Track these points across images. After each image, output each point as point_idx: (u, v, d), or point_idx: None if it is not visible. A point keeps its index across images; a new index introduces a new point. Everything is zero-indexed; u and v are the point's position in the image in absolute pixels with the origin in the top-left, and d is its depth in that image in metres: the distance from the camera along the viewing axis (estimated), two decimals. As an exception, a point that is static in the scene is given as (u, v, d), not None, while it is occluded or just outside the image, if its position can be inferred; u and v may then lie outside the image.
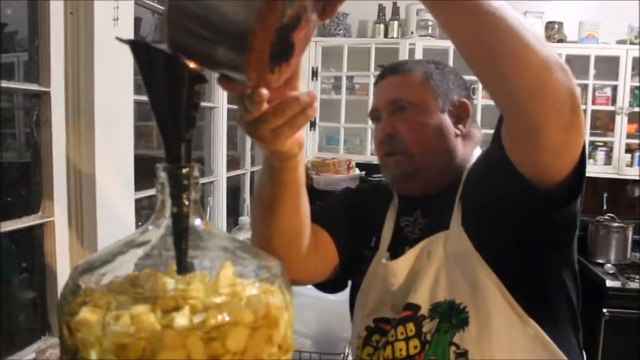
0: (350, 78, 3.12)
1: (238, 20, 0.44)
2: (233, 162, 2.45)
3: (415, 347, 0.87)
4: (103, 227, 1.21)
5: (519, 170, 0.74)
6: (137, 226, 1.36)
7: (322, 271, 1.00)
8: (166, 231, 0.45)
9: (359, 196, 1.11)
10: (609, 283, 2.56)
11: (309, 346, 1.68)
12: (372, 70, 2.91)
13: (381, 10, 3.09)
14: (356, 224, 1.02)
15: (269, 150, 0.66)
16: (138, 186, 1.37)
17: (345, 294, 1.09)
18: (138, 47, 0.45)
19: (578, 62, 2.74)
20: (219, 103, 2.14)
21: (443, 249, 0.90)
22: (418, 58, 2.66)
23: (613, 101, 2.89)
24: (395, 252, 0.97)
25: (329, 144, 3.22)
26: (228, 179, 2.25)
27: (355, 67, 3.04)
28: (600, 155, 2.95)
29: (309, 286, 1.06)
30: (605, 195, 3.11)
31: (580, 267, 1.96)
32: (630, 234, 2.85)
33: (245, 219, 2.40)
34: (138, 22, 1.75)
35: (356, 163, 2.99)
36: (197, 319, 0.39)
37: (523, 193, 0.75)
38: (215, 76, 0.53)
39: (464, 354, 0.84)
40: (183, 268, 0.44)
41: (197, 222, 0.47)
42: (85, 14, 1.15)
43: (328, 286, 1.06)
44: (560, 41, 2.92)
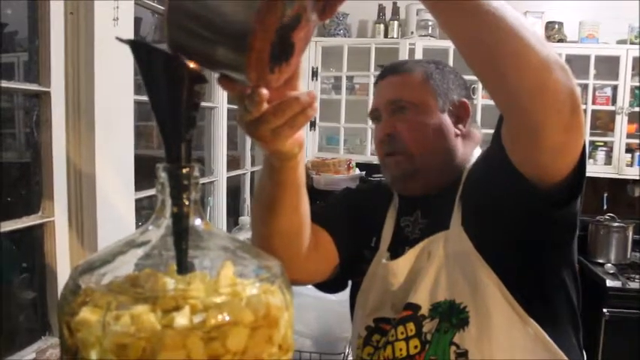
0: (350, 78, 3.12)
1: (238, 20, 0.44)
2: (233, 162, 2.45)
3: (415, 347, 0.88)
4: (103, 227, 1.21)
5: (519, 170, 0.74)
6: (137, 226, 1.36)
7: (322, 271, 1.00)
8: (166, 231, 0.45)
9: (359, 196, 1.11)
10: (609, 283, 2.56)
11: (309, 346, 1.68)
12: (372, 70, 2.91)
13: (381, 10, 3.09)
14: (356, 224, 1.02)
15: (269, 150, 0.65)
16: (138, 186, 1.37)
17: (346, 294, 1.09)
18: (138, 47, 0.45)
19: (578, 62, 2.74)
20: (219, 103, 2.14)
21: (443, 249, 0.90)
22: (418, 58, 2.66)
23: (613, 101, 2.89)
24: (395, 252, 0.97)
25: (329, 144, 3.22)
26: (228, 179, 2.25)
27: (355, 67, 3.04)
28: (600, 155, 2.95)
29: (309, 286, 1.06)
30: (605, 195, 3.11)
31: (580, 267, 1.96)
32: (630, 234, 2.85)
33: (245, 219, 2.40)
34: (138, 22, 1.75)
35: (356, 163, 2.99)
36: (197, 319, 0.39)
37: (523, 193, 0.75)
38: (215, 76, 0.53)
39: (464, 354, 0.84)
40: (183, 268, 0.44)
41: (197, 222, 0.47)
42: (85, 14, 1.15)
43: (328, 286, 1.06)
44: (560, 41, 2.92)
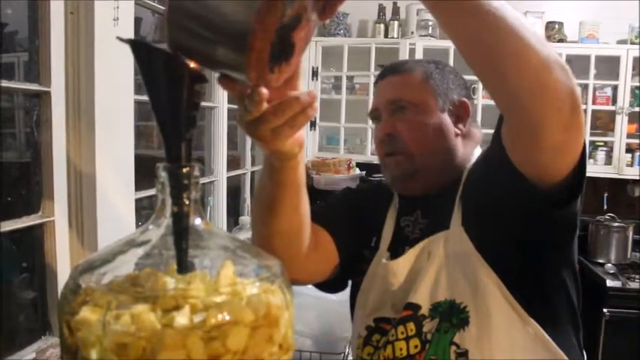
0: (350, 78, 3.12)
1: (238, 20, 0.44)
2: (233, 162, 2.45)
3: (415, 347, 0.87)
4: (104, 227, 1.21)
5: (519, 170, 0.74)
6: (137, 226, 1.36)
7: (322, 271, 1.00)
8: (167, 230, 0.45)
9: (359, 196, 1.11)
10: (609, 283, 2.57)
11: (309, 346, 1.68)
12: (373, 70, 2.91)
13: (382, 10, 3.09)
14: (356, 224, 1.02)
15: (269, 150, 0.65)
16: (138, 186, 1.37)
17: (346, 294, 1.09)
18: (138, 47, 0.45)
19: (578, 62, 2.74)
20: (219, 103, 2.14)
21: (443, 249, 0.90)
22: (418, 58, 2.66)
23: (613, 101, 2.89)
24: (395, 252, 0.97)
25: (329, 144, 3.22)
26: (228, 179, 2.25)
27: (355, 67, 3.04)
28: (600, 155, 2.95)
29: (309, 286, 1.06)
30: (605, 195, 3.11)
31: (580, 267, 1.96)
32: (630, 234, 2.85)
33: (245, 219, 2.40)
34: (138, 22, 1.75)
35: (356, 163, 2.99)
36: (197, 319, 0.39)
37: (523, 193, 0.75)
38: (215, 76, 0.53)
39: (464, 354, 0.84)
40: (183, 268, 0.44)
41: (197, 221, 0.47)
42: (86, 14, 1.15)
43: (328, 286, 1.06)
44: (560, 41, 2.92)
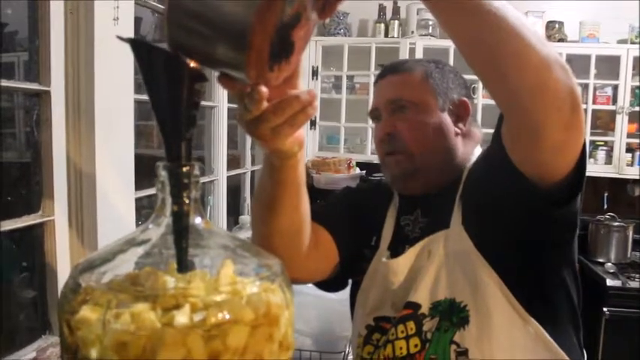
0: (350, 77, 3.12)
1: (238, 19, 0.44)
2: (233, 161, 2.45)
3: (415, 346, 0.88)
4: (104, 226, 1.21)
5: (520, 169, 0.74)
6: (137, 225, 1.35)
7: (323, 270, 1.00)
8: (167, 229, 0.45)
9: (359, 195, 1.11)
10: (610, 283, 2.56)
11: (309, 345, 1.68)
12: (373, 70, 2.91)
13: (382, 10, 3.09)
14: (356, 223, 1.02)
15: (269, 149, 0.65)
16: (138, 185, 1.37)
17: (346, 293, 1.10)
18: (138, 46, 0.45)
19: (578, 62, 2.74)
20: (219, 102, 2.14)
21: (443, 248, 0.90)
22: (418, 58, 2.66)
23: (614, 101, 2.89)
24: (395, 251, 0.97)
25: (329, 143, 3.22)
26: (228, 178, 2.25)
27: (355, 67, 3.03)
28: (601, 155, 2.95)
29: (309, 285, 1.06)
30: (605, 194, 3.11)
31: (580, 266, 1.96)
32: (630, 233, 2.85)
33: (245, 218, 2.40)
34: (138, 22, 1.75)
35: (356, 162, 2.99)
36: (197, 318, 0.39)
37: (523, 192, 0.75)
38: (215, 75, 0.53)
39: (464, 353, 0.84)
40: (183, 267, 0.44)
41: (197, 220, 0.47)
42: (85, 14, 1.15)
43: (329, 285, 1.06)
44: (560, 41, 2.92)
